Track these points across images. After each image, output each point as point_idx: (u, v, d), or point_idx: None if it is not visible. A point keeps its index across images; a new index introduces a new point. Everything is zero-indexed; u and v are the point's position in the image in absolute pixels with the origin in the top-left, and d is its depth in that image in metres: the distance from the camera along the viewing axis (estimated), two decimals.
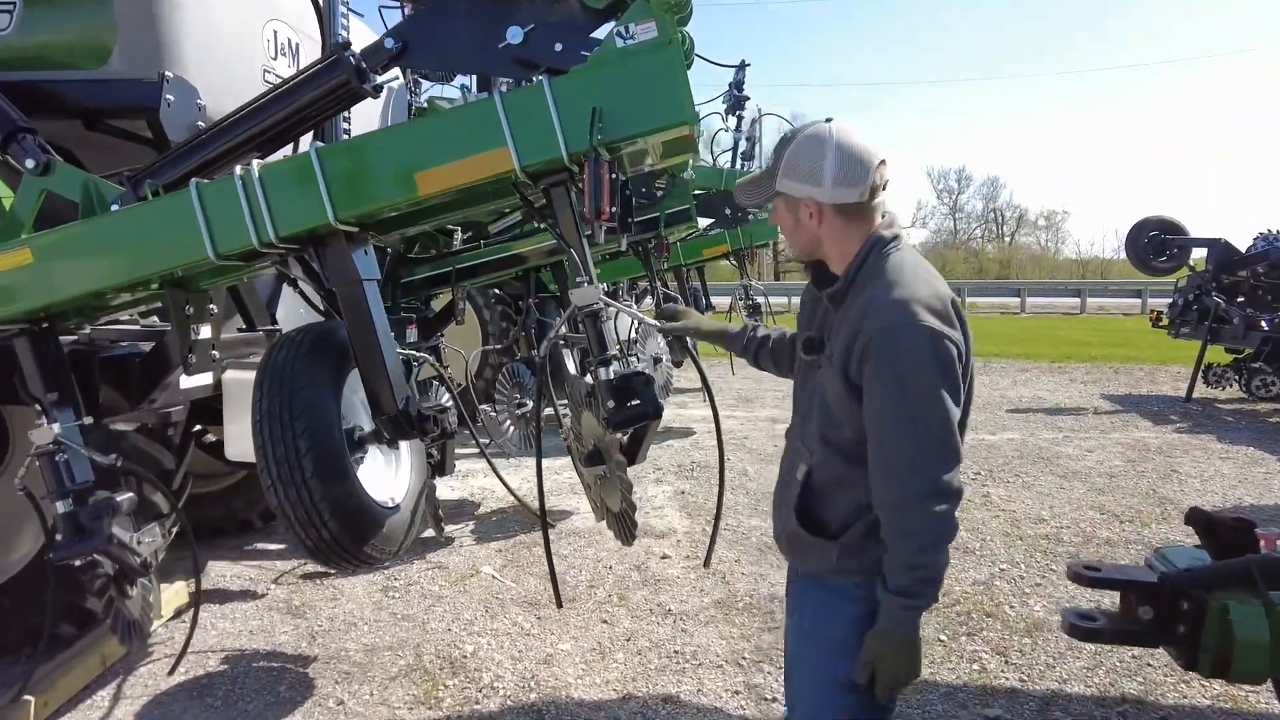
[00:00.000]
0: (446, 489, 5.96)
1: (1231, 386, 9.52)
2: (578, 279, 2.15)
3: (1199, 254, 10.28)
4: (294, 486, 2.10)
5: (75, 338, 2.82)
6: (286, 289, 3.80)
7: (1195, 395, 9.53)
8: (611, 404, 2.16)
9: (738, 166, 8.19)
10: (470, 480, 6.17)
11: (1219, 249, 9.65)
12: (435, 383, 5.45)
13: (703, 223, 9.23)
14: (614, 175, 2.04)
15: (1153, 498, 5.68)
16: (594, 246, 2.42)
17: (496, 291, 8.40)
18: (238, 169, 2.11)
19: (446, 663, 3.40)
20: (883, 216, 1.74)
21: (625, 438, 2.33)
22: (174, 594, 3.92)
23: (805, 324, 1.91)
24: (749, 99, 7.89)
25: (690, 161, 5.07)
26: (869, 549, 1.66)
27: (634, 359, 6.64)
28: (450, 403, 3.29)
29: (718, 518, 2.53)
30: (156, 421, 2.90)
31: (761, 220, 7.93)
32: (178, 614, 3.85)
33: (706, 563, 2.42)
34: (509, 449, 4.96)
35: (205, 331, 2.73)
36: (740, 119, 8.10)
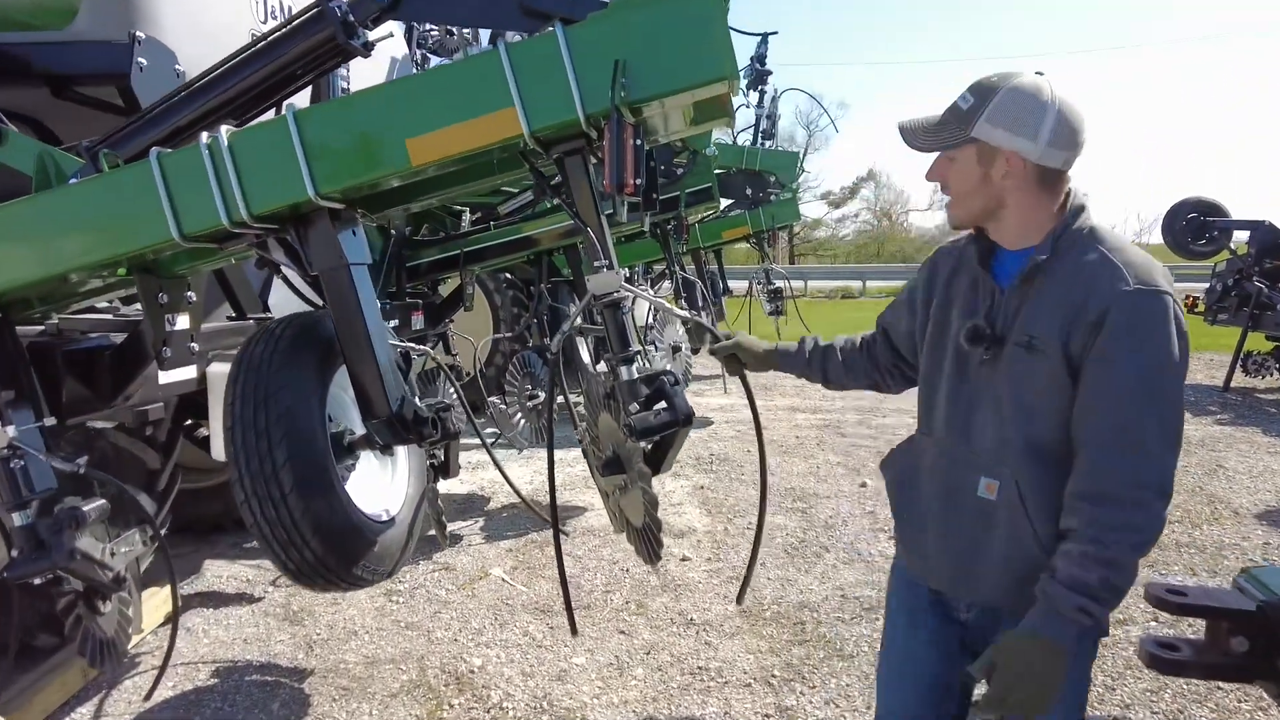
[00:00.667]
0: (456, 482, 5.71)
1: (1272, 375, 9.13)
2: (595, 263, 1.85)
3: (1239, 237, 9.85)
4: (271, 502, 1.83)
5: (43, 328, 2.56)
6: None
7: (1233, 384, 9.15)
8: (635, 409, 1.88)
9: (760, 144, 7.84)
10: (480, 473, 5.92)
11: (1263, 232, 9.21)
12: (444, 372, 5.21)
13: (722, 204, 8.90)
14: (638, 141, 1.74)
15: (1200, 495, 5.35)
16: (614, 226, 2.13)
17: (508, 276, 8.12)
18: (203, 136, 1.82)
19: (452, 678, 3.15)
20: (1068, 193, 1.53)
21: (649, 445, 2.04)
22: (165, 599, 3.69)
23: (939, 313, 1.66)
24: (771, 73, 7.54)
25: (714, 134, 4.76)
26: None
27: (651, 347, 6.37)
28: (455, 399, 3.03)
29: (755, 554, 2.19)
30: (134, 420, 2.64)
31: (784, 201, 7.60)
32: (169, 620, 3.62)
33: (740, 599, 2.12)
34: (519, 442, 4.69)
35: (183, 321, 2.46)
36: (762, 94, 7.75)
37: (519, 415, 4.63)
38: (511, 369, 4.75)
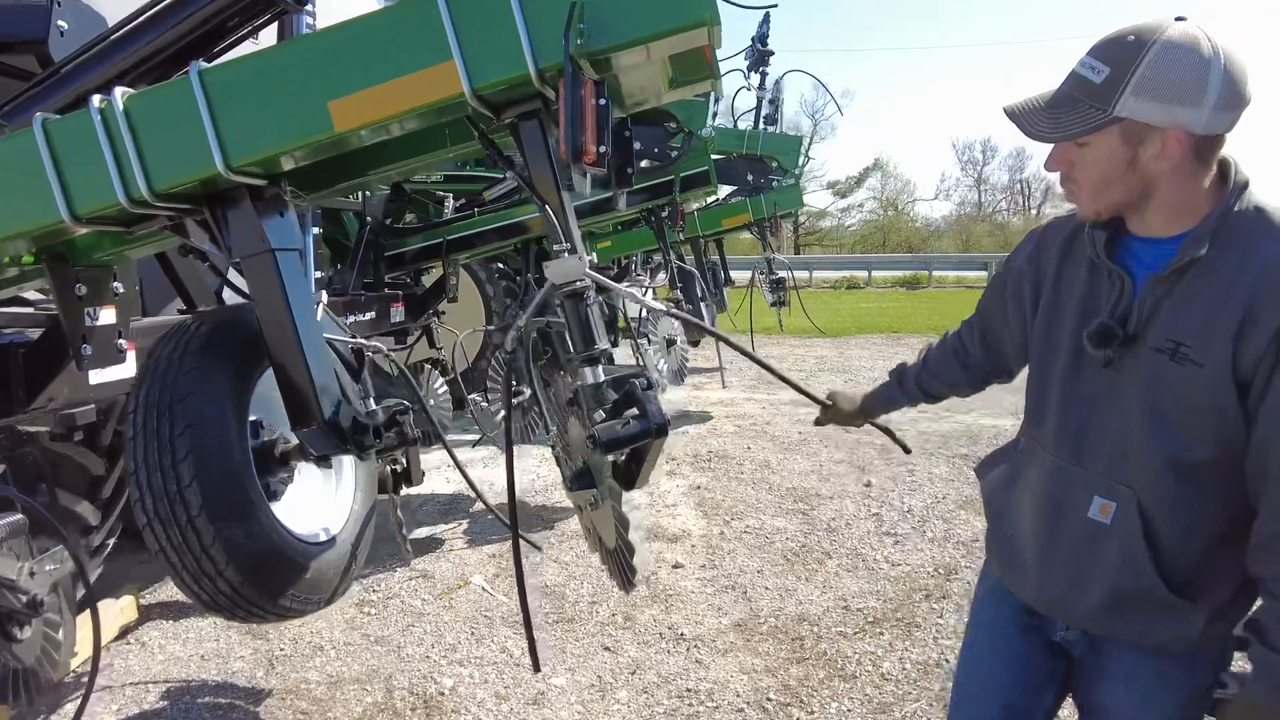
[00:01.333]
0: (441, 480, 5.48)
1: None
2: (555, 247, 1.59)
3: None
4: (176, 526, 1.57)
5: None
6: None
7: None
8: (601, 417, 1.62)
9: (761, 128, 7.54)
10: (469, 471, 5.65)
11: None
12: (429, 367, 4.96)
13: (722, 191, 8.60)
14: (601, 101, 1.47)
15: None
16: (609, 213, 1.88)
17: (500, 265, 7.85)
18: (94, 100, 1.56)
19: (420, 701, 2.91)
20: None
21: (622, 457, 1.78)
22: (121, 611, 3.46)
23: (1050, 303, 1.42)
24: (773, 54, 7.22)
25: (712, 106, 4.47)
26: (1240, 607, 1.30)
27: (645, 340, 6.10)
28: (419, 402, 2.77)
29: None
30: (59, 425, 2.38)
31: (786, 187, 7.31)
32: (124, 634, 3.39)
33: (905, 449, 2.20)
34: (500, 441, 4.43)
35: (108, 316, 2.21)
36: (764, 76, 7.44)
37: (502, 413, 4.37)
38: (494, 364, 4.49)
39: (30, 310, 2.44)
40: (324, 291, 2.34)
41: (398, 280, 4.95)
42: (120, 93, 1.55)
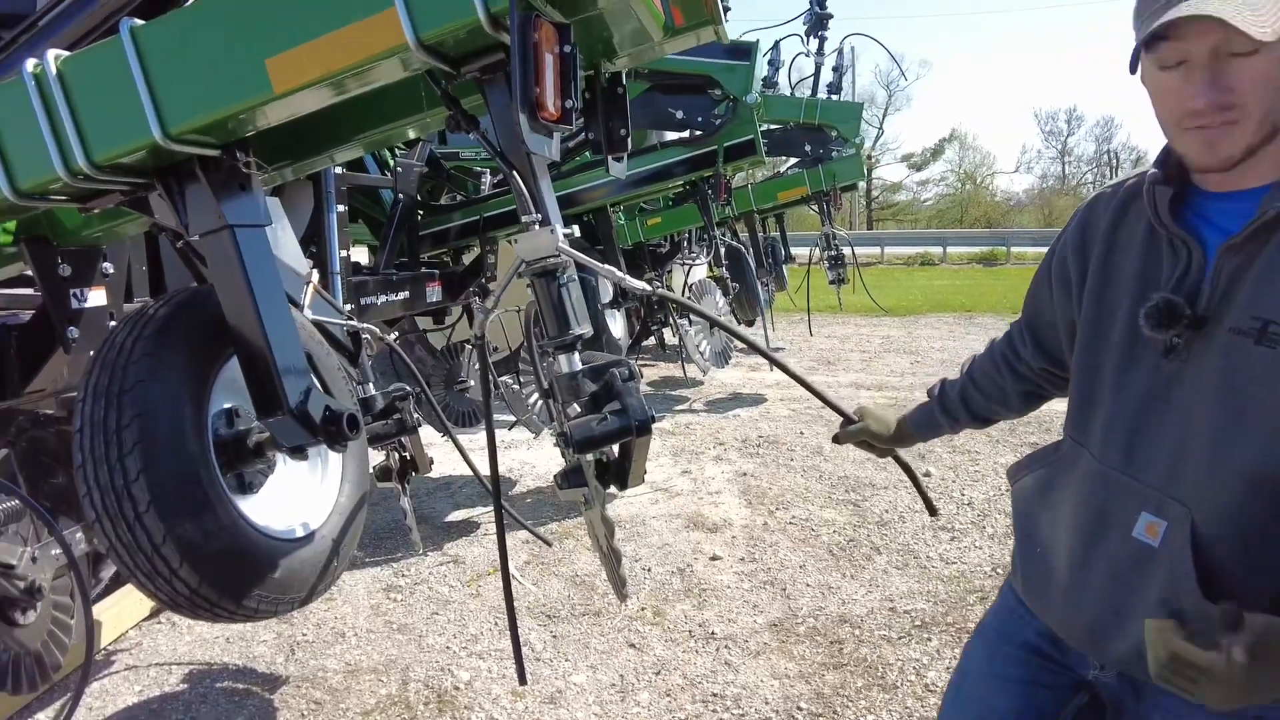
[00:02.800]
0: (479, 464, 5.40)
1: None
2: (524, 218, 1.40)
3: None
4: (125, 523, 1.47)
5: None
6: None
7: None
8: (576, 411, 1.44)
9: (819, 96, 7.16)
10: (507, 453, 5.59)
11: None
12: (468, 347, 4.86)
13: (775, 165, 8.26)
14: (565, 48, 1.27)
15: None
16: (658, 186, 1.68)
17: None
18: (28, 64, 1.44)
19: (434, 695, 2.81)
20: None
21: (606, 455, 1.60)
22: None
23: (1098, 285, 1.16)
24: (832, 16, 6.82)
25: (760, 70, 4.19)
26: None
27: (685, 323, 5.88)
28: (418, 385, 2.64)
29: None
30: (61, 408, 2.35)
31: (846, 158, 6.93)
32: (155, 613, 3.41)
33: (931, 511, 1.81)
34: (534, 425, 4.31)
35: (97, 297, 2.14)
36: (823, 41, 7.04)
37: (534, 396, 4.25)
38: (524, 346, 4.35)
39: (29, 291, 2.40)
40: (314, 271, 2.21)
41: (436, 259, 4.86)
42: (53, 55, 1.44)
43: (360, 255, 4.67)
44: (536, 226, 1.40)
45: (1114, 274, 1.14)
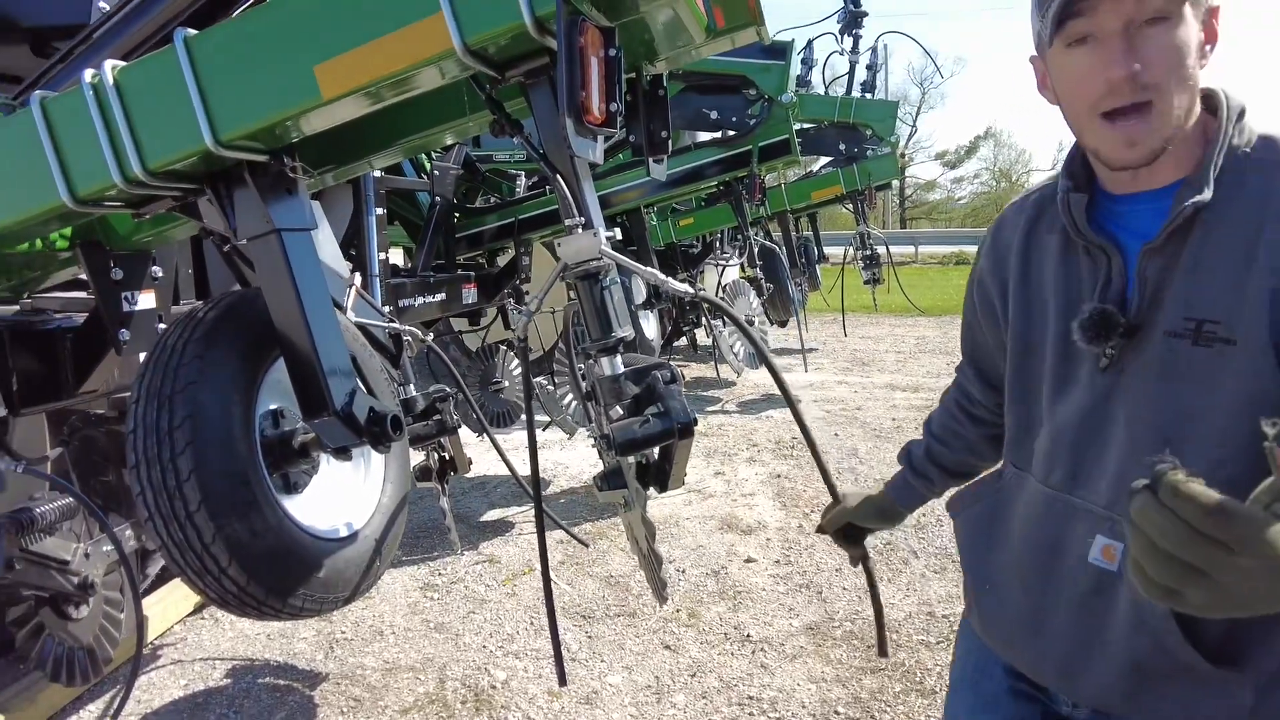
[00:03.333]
0: (519, 462, 5.44)
1: None
2: (568, 221, 1.41)
3: None
4: (176, 522, 1.50)
5: (17, 308, 2.35)
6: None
7: None
8: (619, 414, 1.44)
9: (854, 95, 7.09)
10: (541, 454, 5.60)
11: None
12: (504, 348, 4.90)
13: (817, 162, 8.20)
14: (611, 51, 1.28)
15: None
16: (690, 187, 1.68)
17: None
18: (86, 74, 1.48)
19: (471, 694, 2.83)
20: None
21: (654, 456, 1.60)
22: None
23: (1021, 303, 1.13)
24: (867, 14, 6.75)
25: (794, 70, 4.16)
26: None
27: (719, 324, 5.86)
28: (457, 388, 2.66)
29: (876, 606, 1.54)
30: (113, 408, 2.41)
31: (881, 156, 6.85)
32: (199, 608, 3.48)
33: (882, 652, 1.59)
34: (568, 425, 4.33)
35: (147, 300, 2.19)
36: (857, 39, 6.97)
37: (569, 396, 4.26)
38: (559, 345, 4.38)
39: (84, 295, 2.47)
40: (356, 274, 2.24)
41: (471, 260, 4.90)
42: (110, 65, 1.47)
43: (396, 257, 4.73)
44: (579, 230, 1.41)
45: (1035, 291, 1.10)
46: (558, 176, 1.40)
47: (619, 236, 1.48)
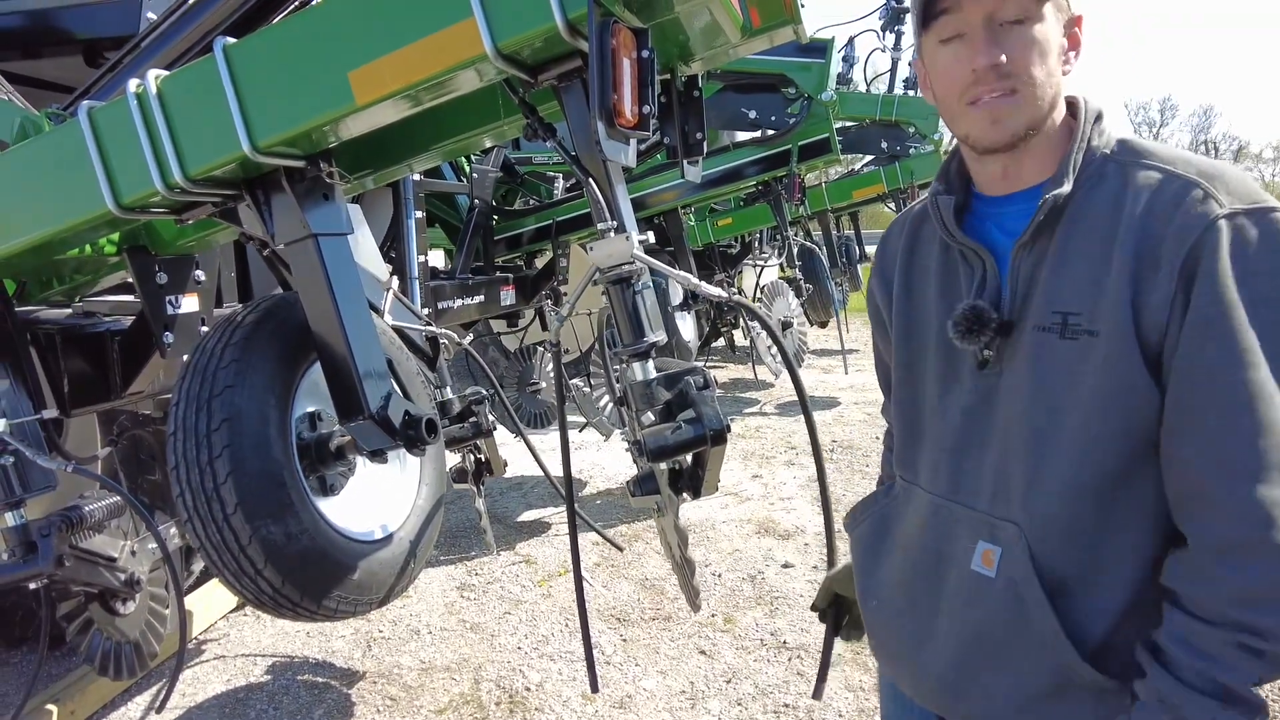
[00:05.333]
0: (555, 463, 5.45)
1: None
2: (600, 225, 1.40)
3: None
4: (214, 524, 1.52)
5: (69, 311, 2.42)
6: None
7: None
8: (651, 420, 1.42)
9: (896, 92, 6.97)
10: (577, 455, 5.62)
11: None
12: (541, 349, 4.92)
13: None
14: (643, 53, 1.26)
15: None
16: (729, 187, 1.66)
17: None
18: (131, 84, 1.51)
19: (505, 695, 2.84)
20: None
21: (687, 462, 1.57)
22: None
23: (905, 313, 1.13)
24: (909, 11, 6.61)
25: (835, 68, 4.09)
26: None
27: (755, 327, 5.80)
28: (492, 390, 2.67)
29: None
30: (159, 409, 2.47)
31: (924, 154, 6.72)
32: (241, 605, 3.55)
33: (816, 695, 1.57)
34: (604, 428, 4.32)
35: (190, 304, 2.23)
36: (899, 36, 6.86)
37: (605, 399, 4.26)
38: (595, 348, 4.38)
39: (131, 298, 2.53)
40: (394, 277, 2.26)
41: (510, 262, 4.93)
42: (154, 75, 1.50)
43: (436, 259, 4.78)
44: (612, 234, 1.39)
45: (917, 300, 1.10)
46: (590, 180, 1.38)
47: (652, 239, 1.46)
